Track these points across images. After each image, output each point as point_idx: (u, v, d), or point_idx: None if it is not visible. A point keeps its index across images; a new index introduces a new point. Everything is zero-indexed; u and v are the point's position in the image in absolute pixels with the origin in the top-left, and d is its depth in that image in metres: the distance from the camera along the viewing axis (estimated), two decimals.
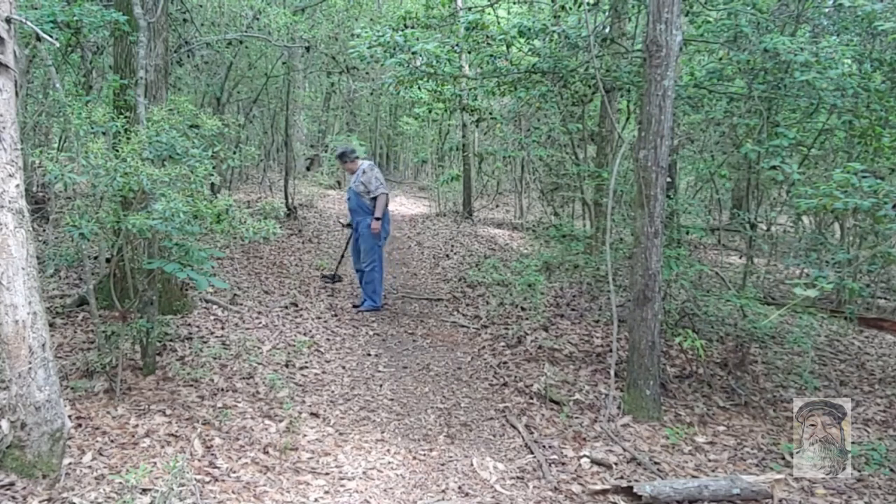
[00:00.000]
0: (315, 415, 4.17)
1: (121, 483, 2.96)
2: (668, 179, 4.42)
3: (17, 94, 2.77)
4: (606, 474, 3.59)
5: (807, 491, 3.53)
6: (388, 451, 3.76)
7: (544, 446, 3.91)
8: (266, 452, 3.56)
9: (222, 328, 5.56)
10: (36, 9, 4.77)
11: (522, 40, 6.21)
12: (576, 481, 3.51)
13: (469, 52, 6.54)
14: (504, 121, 7.82)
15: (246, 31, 8.99)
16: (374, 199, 6.56)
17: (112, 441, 3.46)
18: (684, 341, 4.39)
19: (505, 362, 5.35)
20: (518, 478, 3.53)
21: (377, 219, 6.56)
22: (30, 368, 2.76)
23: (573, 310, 6.76)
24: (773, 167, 4.62)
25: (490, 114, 7.56)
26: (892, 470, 3.76)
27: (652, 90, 4.19)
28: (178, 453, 3.36)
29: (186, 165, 3.89)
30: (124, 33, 5.11)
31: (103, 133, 4.09)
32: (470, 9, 8.39)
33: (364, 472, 3.47)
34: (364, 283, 6.74)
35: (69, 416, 3.32)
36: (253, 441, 3.67)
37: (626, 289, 5.95)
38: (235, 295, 6.56)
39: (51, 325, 4.78)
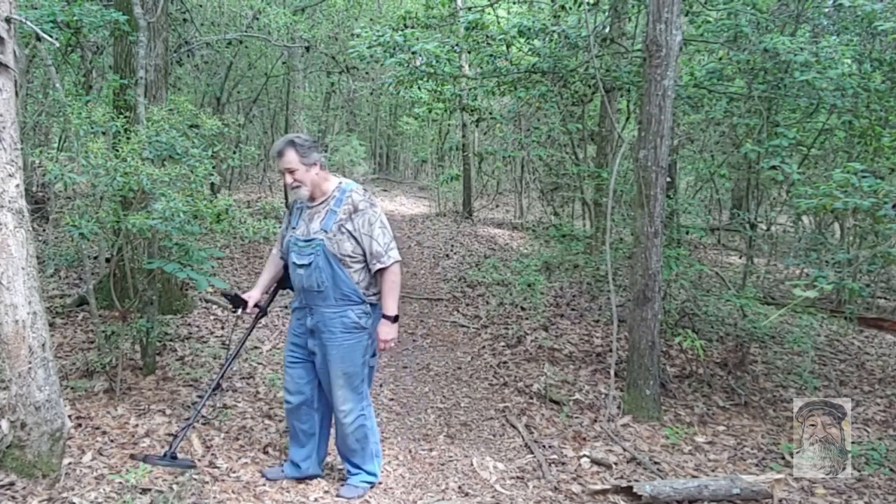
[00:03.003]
0: None
1: (121, 483, 2.96)
2: (668, 179, 4.42)
3: (17, 94, 2.77)
4: (606, 474, 3.59)
5: (807, 491, 3.53)
6: (388, 451, 3.75)
7: (544, 446, 3.91)
8: (266, 452, 3.56)
9: (222, 328, 5.56)
10: (36, 9, 4.76)
11: (522, 40, 6.21)
12: (576, 481, 3.51)
13: (469, 52, 6.54)
14: (504, 121, 7.82)
15: (246, 31, 9.00)
16: (378, 270, 3.08)
17: (112, 441, 3.45)
18: (684, 341, 4.39)
19: (505, 362, 5.35)
20: (518, 478, 3.53)
21: (393, 319, 3.12)
22: (30, 368, 2.76)
23: (573, 310, 6.76)
24: (773, 167, 4.62)
25: (490, 114, 7.56)
26: (892, 470, 3.76)
27: (652, 90, 4.19)
28: (178, 453, 3.36)
29: (186, 165, 3.88)
30: (124, 33, 5.11)
31: (103, 133, 4.09)
32: (470, 9, 8.39)
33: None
34: (345, 442, 3.23)
35: (69, 416, 3.32)
36: (253, 441, 3.67)
37: (626, 289, 5.95)
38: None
39: (51, 325, 4.78)
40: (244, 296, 3.42)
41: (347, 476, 3.28)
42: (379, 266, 3.05)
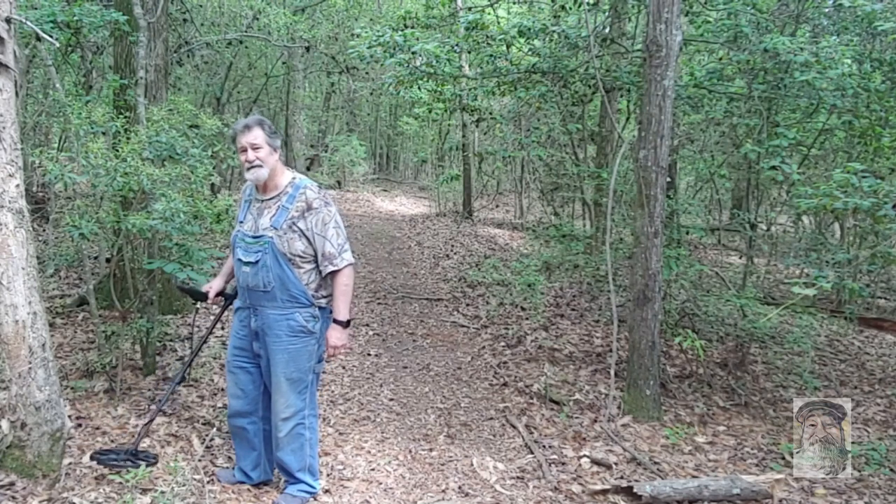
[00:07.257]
0: None
1: (121, 483, 2.96)
2: (668, 179, 4.42)
3: (17, 94, 2.77)
4: (606, 474, 3.59)
5: (807, 491, 3.53)
6: (388, 451, 3.75)
7: (544, 446, 3.91)
8: None
9: (222, 328, 5.56)
10: (36, 9, 4.76)
11: (522, 40, 6.22)
12: (576, 481, 3.51)
13: (469, 52, 6.55)
14: (504, 121, 7.82)
15: (246, 31, 9.00)
16: (330, 273, 2.95)
17: (112, 441, 3.45)
18: (684, 341, 4.39)
19: (505, 362, 5.35)
20: (518, 478, 3.53)
21: (345, 324, 2.99)
22: (30, 368, 2.76)
23: (573, 310, 6.76)
24: (773, 167, 4.62)
25: (490, 114, 7.56)
26: (892, 470, 3.76)
27: (652, 90, 4.19)
28: (178, 453, 3.36)
29: (186, 165, 3.89)
30: (124, 33, 5.11)
31: (103, 133, 4.09)
32: (470, 9, 8.39)
33: (364, 472, 3.47)
34: (281, 450, 3.03)
35: (69, 416, 3.32)
36: None
37: (626, 289, 5.95)
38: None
39: (51, 325, 4.78)
40: (205, 287, 3.26)
41: (285, 486, 3.10)
42: (331, 268, 2.91)
